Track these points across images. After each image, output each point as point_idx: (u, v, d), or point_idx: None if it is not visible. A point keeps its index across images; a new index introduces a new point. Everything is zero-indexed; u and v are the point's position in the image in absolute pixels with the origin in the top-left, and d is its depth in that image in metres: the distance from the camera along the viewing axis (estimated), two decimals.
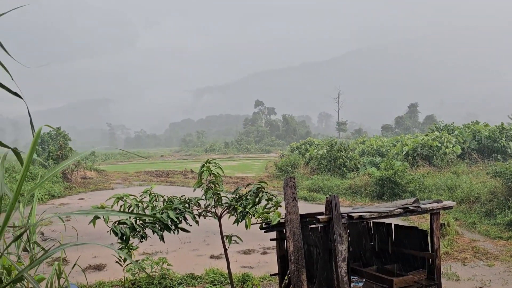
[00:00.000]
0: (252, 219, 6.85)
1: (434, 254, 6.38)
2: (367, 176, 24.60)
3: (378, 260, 7.46)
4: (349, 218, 5.36)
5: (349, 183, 24.57)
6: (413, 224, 14.97)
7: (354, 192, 22.97)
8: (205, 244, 13.60)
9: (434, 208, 6.24)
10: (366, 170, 26.96)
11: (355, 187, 23.44)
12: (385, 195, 21.08)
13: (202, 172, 7.19)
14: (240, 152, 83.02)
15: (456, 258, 11.27)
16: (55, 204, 22.42)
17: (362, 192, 22.65)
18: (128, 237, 6.39)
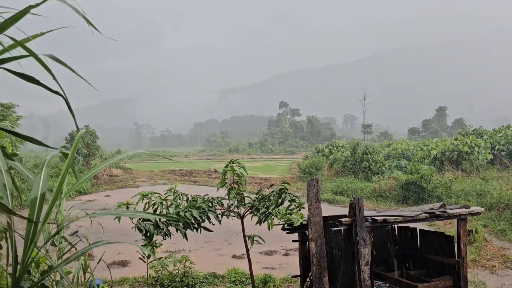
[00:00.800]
0: (274, 220, 6.84)
1: (461, 261, 6.22)
2: (392, 179, 24.20)
3: (402, 265, 7.32)
4: (373, 221, 5.28)
5: (374, 186, 24.22)
6: (439, 229, 14.63)
7: (378, 196, 22.63)
8: (227, 244, 13.66)
9: (461, 214, 6.08)
10: (391, 174, 26.53)
11: (379, 191, 23.09)
12: (411, 199, 20.69)
13: (226, 172, 7.22)
14: (263, 153, 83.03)
15: (484, 266, 10.95)
16: (82, 200, 22.98)
17: (387, 196, 22.30)
18: (152, 234, 6.48)
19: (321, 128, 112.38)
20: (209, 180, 32.41)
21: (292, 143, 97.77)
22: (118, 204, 6.60)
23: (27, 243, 2.55)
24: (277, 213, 6.75)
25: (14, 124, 28.60)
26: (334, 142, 50.56)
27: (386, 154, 36.08)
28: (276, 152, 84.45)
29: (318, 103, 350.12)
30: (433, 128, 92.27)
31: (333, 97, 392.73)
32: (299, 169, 34.17)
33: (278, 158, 66.94)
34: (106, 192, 27.13)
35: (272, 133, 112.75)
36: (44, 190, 2.60)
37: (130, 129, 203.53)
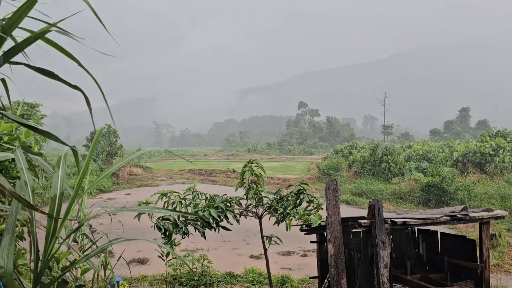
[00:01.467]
0: (292, 221, 6.82)
1: (483, 265, 6.07)
2: (412, 181, 23.85)
3: (423, 268, 7.20)
4: (393, 223, 5.20)
5: (394, 188, 23.91)
6: (460, 233, 14.34)
7: (398, 198, 22.33)
8: (245, 244, 13.68)
9: (484, 217, 5.94)
10: (412, 175, 26.15)
11: (399, 193, 22.78)
12: (432, 202, 20.34)
13: (244, 172, 7.23)
14: (282, 153, 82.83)
15: (508, 270, 10.67)
16: (103, 198, 23.37)
17: (407, 198, 21.98)
18: (171, 232, 6.54)
19: (340, 128, 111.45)
20: (228, 180, 32.53)
21: (311, 144, 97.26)
22: (138, 202, 6.69)
23: (48, 238, 2.60)
24: (295, 213, 6.72)
25: (38, 122, 29.29)
26: (354, 143, 50.10)
27: (406, 156, 35.55)
28: (294, 153, 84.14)
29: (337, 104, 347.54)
30: (455, 129, 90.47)
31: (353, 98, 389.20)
32: (318, 170, 33.98)
33: (296, 159, 66.70)
34: (126, 190, 27.53)
35: (291, 133, 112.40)
36: (63, 187, 2.64)
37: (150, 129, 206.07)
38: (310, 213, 6.54)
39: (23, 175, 2.57)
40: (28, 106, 27.98)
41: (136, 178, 33.06)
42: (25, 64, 2.71)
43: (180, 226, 6.69)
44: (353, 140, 69.00)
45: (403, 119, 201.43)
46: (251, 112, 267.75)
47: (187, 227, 6.75)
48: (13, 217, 2.44)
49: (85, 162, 2.87)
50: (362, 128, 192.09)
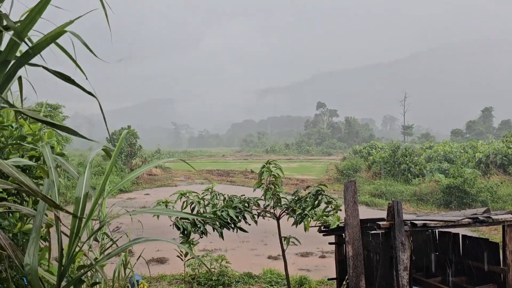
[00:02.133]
0: (310, 222, 6.80)
1: (506, 268, 5.94)
2: (433, 183, 23.48)
3: (443, 271, 7.08)
4: (412, 225, 5.14)
5: (414, 189, 23.58)
6: (483, 235, 14.04)
7: (419, 199, 22.01)
8: (263, 244, 13.70)
9: (507, 220, 5.80)
10: (432, 177, 25.75)
11: (420, 194, 22.46)
12: (453, 203, 19.99)
13: (263, 172, 7.24)
14: (300, 154, 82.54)
15: None
16: (123, 198, 23.72)
17: (428, 200, 21.65)
18: (190, 232, 6.60)
19: (359, 129, 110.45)
20: (246, 181, 32.61)
21: (330, 144, 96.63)
22: (157, 202, 6.77)
23: (72, 237, 2.66)
24: (313, 215, 6.70)
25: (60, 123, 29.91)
26: (373, 144, 49.58)
27: (427, 157, 35.00)
28: (313, 153, 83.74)
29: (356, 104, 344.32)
30: (478, 129, 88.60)
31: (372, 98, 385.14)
32: (337, 171, 33.76)
33: (315, 159, 66.39)
34: (145, 190, 27.88)
35: (309, 134, 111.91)
36: (87, 189, 2.71)
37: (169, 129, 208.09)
38: (328, 215, 6.51)
39: (51, 175, 2.64)
40: (51, 108, 28.61)
41: (155, 178, 33.44)
42: (43, 67, 2.77)
43: (198, 225, 6.75)
44: (372, 140, 68.31)
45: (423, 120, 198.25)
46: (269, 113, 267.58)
47: (205, 226, 6.81)
48: (40, 217, 2.51)
49: (108, 166, 2.93)
50: (381, 128, 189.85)
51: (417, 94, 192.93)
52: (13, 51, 2.58)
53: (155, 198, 22.96)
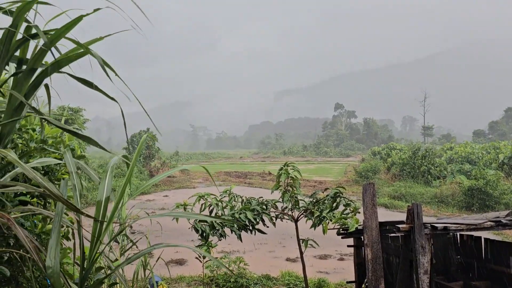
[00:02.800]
0: (329, 224, 6.76)
1: None
2: (455, 184, 23.05)
3: (465, 275, 6.95)
4: (433, 228, 5.05)
5: (435, 191, 23.19)
6: (507, 239, 13.72)
7: (440, 202, 21.63)
8: (281, 247, 13.67)
9: None
10: (454, 179, 25.29)
11: (441, 196, 22.06)
12: (475, 206, 19.58)
13: (280, 174, 7.24)
14: (318, 156, 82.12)
15: None
16: (142, 200, 23.99)
17: (449, 202, 21.25)
18: (208, 234, 6.64)
19: (378, 130, 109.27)
20: (263, 182, 32.61)
21: (348, 146, 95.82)
22: (176, 204, 6.83)
23: (94, 240, 2.72)
24: (332, 217, 6.66)
25: (81, 127, 30.49)
26: (392, 145, 48.99)
27: (448, 158, 34.38)
28: (331, 155, 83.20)
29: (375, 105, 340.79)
30: (501, 130, 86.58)
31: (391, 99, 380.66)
32: (355, 172, 33.46)
33: (333, 161, 65.94)
34: (164, 192, 28.14)
35: (327, 135, 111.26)
36: (108, 193, 2.77)
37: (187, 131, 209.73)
38: (347, 217, 6.46)
39: (72, 179, 2.71)
40: (72, 111, 29.18)
41: (174, 180, 33.74)
42: (68, 74, 2.85)
43: (217, 228, 6.78)
44: (391, 142, 67.47)
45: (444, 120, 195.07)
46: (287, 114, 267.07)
47: (223, 229, 6.84)
48: (58, 219, 2.57)
49: (128, 170, 2.99)
50: (401, 129, 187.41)
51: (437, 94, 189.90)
52: (40, 60, 2.66)
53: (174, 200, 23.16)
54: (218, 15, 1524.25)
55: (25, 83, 2.69)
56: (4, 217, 2.31)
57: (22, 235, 2.31)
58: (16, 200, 3.37)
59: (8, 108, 2.67)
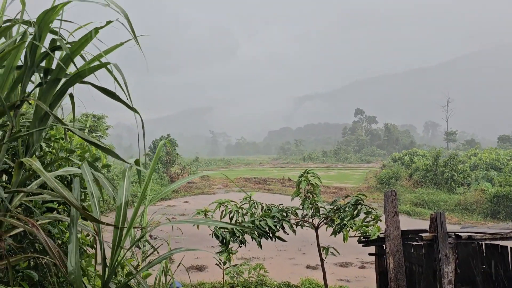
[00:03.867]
0: (350, 232, 6.68)
1: None
2: (479, 192, 22.49)
3: (491, 286, 6.75)
4: (457, 237, 4.94)
5: (458, 198, 22.68)
6: None
7: (464, 209, 21.14)
8: (301, 254, 13.58)
9: None
10: (478, 185, 24.68)
11: (465, 204, 21.56)
12: (501, 214, 19.07)
13: (300, 181, 7.21)
14: (338, 162, 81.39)
15: None
16: (163, 206, 24.21)
17: (474, 210, 20.75)
18: (228, 241, 6.65)
19: (399, 136, 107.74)
20: (283, 189, 32.50)
21: (369, 152, 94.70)
22: (197, 211, 6.87)
23: (114, 247, 2.76)
24: (353, 225, 6.59)
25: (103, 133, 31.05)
26: (414, 151, 48.18)
27: (472, 164, 33.60)
28: (351, 161, 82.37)
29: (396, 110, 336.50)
30: None
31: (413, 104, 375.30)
32: (376, 179, 33.03)
33: (353, 167, 65.27)
34: (184, 198, 28.34)
35: (347, 141, 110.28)
36: (126, 199, 2.81)
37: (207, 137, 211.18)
38: (368, 225, 6.38)
39: (89, 187, 2.76)
40: (95, 118, 29.75)
41: (194, 186, 33.96)
42: (91, 84, 2.91)
43: (237, 234, 6.79)
44: (413, 147, 66.39)
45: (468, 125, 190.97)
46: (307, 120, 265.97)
47: (244, 236, 6.84)
48: (74, 225, 2.63)
49: (147, 176, 3.03)
50: (423, 135, 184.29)
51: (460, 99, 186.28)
52: (64, 70, 2.73)
53: (194, 206, 23.30)
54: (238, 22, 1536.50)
55: (50, 93, 2.77)
56: (30, 223, 2.37)
57: (46, 242, 2.36)
58: (44, 207, 3.46)
59: (34, 117, 2.74)
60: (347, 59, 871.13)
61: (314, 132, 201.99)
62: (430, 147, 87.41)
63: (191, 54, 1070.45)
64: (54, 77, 2.74)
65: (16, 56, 2.78)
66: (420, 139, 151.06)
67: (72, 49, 2.75)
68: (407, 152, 48.36)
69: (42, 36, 2.64)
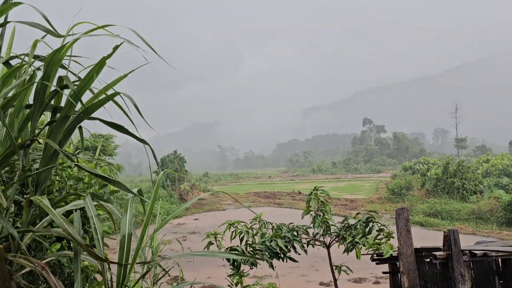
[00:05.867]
0: (362, 249, 6.60)
1: None
2: (493, 199, 22.17)
3: None
4: (472, 255, 4.86)
5: (472, 207, 22.34)
6: None
7: (477, 218, 20.81)
8: (313, 270, 13.43)
9: None
10: (491, 193, 24.32)
11: (479, 212, 21.23)
12: None
13: (310, 199, 7.16)
14: (348, 172, 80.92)
15: None
16: (173, 224, 24.17)
17: (488, 218, 20.41)
18: (239, 263, 6.60)
19: (409, 144, 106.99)
20: (293, 203, 32.32)
21: (379, 161, 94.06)
22: (206, 234, 6.84)
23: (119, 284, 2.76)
24: (365, 242, 6.51)
25: (112, 153, 31.28)
26: (424, 159, 47.76)
27: (484, 171, 33.18)
28: (361, 171, 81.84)
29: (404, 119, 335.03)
30: None
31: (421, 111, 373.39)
32: (387, 189, 32.73)
33: (363, 178, 64.80)
34: (194, 215, 28.28)
35: (356, 151, 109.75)
36: (130, 231, 2.82)
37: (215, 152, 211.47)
38: (380, 243, 6.29)
39: (92, 223, 2.78)
40: (103, 138, 29.99)
41: (204, 202, 33.91)
42: (99, 119, 2.94)
43: None
44: (423, 156, 65.84)
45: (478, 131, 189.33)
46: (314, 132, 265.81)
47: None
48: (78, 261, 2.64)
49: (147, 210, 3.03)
50: (432, 142, 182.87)
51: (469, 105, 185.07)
52: (72, 107, 2.77)
53: (204, 223, 23.25)
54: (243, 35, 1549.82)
55: (59, 131, 2.80)
56: (40, 265, 2.37)
57: (54, 283, 2.37)
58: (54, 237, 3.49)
59: (44, 155, 2.77)
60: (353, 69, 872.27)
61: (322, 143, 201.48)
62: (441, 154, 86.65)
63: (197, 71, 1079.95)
64: (63, 115, 2.77)
65: (26, 95, 2.83)
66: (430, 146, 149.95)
67: (80, 86, 2.78)
68: (416, 161, 47.94)
69: (51, 76, 2.68)
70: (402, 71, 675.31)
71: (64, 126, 2.82)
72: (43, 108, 2.76)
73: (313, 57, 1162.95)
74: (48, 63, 2.64)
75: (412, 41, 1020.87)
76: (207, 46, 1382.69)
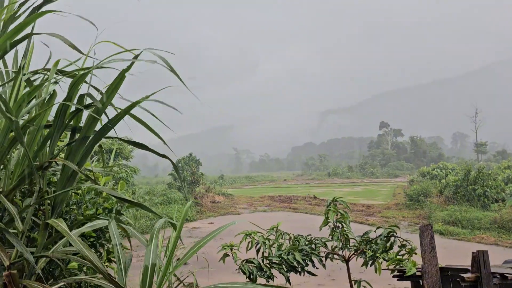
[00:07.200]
0: (382, 264, 6.41)
1: None
2: None
3: None
4: (502, 278, 4.64)
5: (494, 216, 21.75)
6: None
7: (500, 227, 20.23)
8: (330, 279, 13.21)
9: None
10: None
11: (501, 221, 20.64)
12: None
13: (328, 211, 7.01)
14: (364, 177, 80.00)
15: None
16: (188, 228, 24.17)
17: (510, 228, 19.83)
18: (256, 276, 6.48)
19: (426, 148, 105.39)
20: (309, 207, 32.02)
21: (396, 166, 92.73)
22: (222, 246, 6.75)
23: None
24: (386, 257, 6.32)
25: (128, 155, 31.53)
26: (442, 164, 46.89)
27: (506, 178, 32.34)
28: (377, 176, 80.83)
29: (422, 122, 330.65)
30: None
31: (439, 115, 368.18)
32: (405, 195, 32.18)
33: (380, 182, 63.92)
34: (209, 219, 28.23)
35: (372, 155, 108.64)
36: (154, 261, 2.72)
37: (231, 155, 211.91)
38: (402, 259, 6.10)
39: (116, 251, 2.68)
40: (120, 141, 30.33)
41: (219, 206, 33.88)
42: (119, 138, 2.86)
43: (264, 269, 6.61)
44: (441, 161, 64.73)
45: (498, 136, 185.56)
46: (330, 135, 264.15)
47: (271, 271, 6.65)
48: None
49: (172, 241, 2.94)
50: (451, 146, 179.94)
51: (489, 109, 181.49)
52: (92, 127, 2.70)
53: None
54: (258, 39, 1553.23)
55: (78, 152, 2.73)
56: None
57: None
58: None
59: (61, 177, 2.70)
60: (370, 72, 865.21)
61: (338, 146, 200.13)
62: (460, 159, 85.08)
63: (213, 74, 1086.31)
64: (83, 135, 2.70)
65: (45, 115, 2.77)
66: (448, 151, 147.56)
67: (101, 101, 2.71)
68: (435, 166, 47.09)
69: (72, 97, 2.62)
70: (419, 74, 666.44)
71: (83, 146, 2.75)
72: (63, 128, 2.70)
73: (329, 60, 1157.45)
74: (72, 86, 2.57)
75: (430, 43, 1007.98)
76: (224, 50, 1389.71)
